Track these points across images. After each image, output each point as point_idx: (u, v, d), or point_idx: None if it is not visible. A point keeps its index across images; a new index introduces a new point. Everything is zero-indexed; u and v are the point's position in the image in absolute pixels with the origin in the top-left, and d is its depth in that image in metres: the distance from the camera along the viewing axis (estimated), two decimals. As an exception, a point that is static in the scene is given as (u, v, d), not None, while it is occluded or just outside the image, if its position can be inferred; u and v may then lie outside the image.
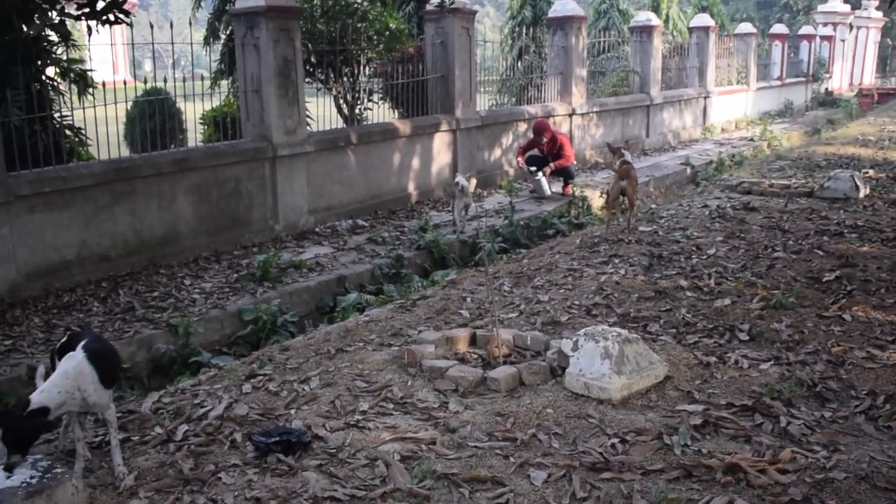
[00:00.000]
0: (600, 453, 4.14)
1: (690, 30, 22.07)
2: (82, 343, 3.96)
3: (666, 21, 24.74)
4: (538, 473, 3.98)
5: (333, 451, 4.17)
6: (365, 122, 12.74)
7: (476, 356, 5.45)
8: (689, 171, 15.72)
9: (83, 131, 10.12)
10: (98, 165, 8.73)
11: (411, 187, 12.19)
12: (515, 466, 4.05)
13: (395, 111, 13.50)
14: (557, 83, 15.68)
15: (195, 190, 9.35)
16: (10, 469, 3.59)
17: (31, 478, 3.68)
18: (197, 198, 9.37)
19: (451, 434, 4.36)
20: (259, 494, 3.77)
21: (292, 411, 4.65)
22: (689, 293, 6.70)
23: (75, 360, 3.84)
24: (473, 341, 5.69)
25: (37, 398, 3.66)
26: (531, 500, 3.78)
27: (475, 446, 4.25)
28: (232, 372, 5.38)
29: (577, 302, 6.59)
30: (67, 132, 10.02)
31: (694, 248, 8.19)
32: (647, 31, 18.34)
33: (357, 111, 12.88)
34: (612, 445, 4.24)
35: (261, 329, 7.32)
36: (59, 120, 9.85)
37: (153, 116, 10.18)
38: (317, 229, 10.47)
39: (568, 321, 6.13)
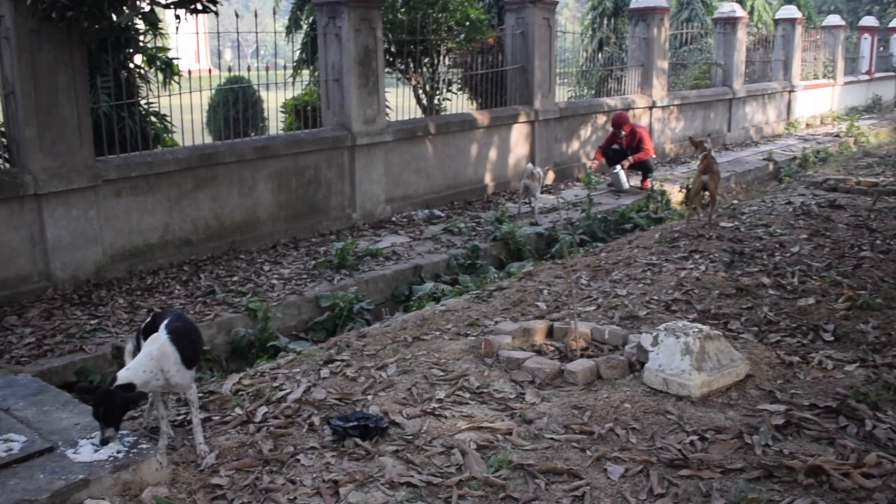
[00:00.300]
0: (679, 450, 4.08)
1: (776, 21, 21.52)
2: (165, 323, 4.05)
3: (751, 13, 24.17)
4: (615, 468, 3.94)
5: (410, 437, 4.20)
6: (443, 113, 12.77)
7: (553, 348, 5.43)
8: (771, 166, 15.38)
9: (168, 118, 10.38)
10: (182, 151, 8.91)
11: (488, 178, 12.18)
12: (592, 460, 4.02)
13: (474, 102, 13.50)
14: (638, 75, 15.47)
15: (275, 177, 9.49)
16: (105, 443, 3.71)
17: (118, 452, 3.79)
18: (277, 185, 9.51)
19: (528, 425, 4.35)
20: (337, 477, 3.81)
21: (369, 397, 4.69)
22: (771, 291, 6.56)
23: (158, 342, 3.93)
24: (550, 333, 5.66)
25: (123, 375, 3.77)
26: (608, 493, 3.75)
27: (551, 438, 4.23)
28: (310, 357, 5.45)
29: (655, 297, 6.51)
30: (153, 119, 10.29)
31: (777, 245, 8.01)
32: (730, 22, 17.95)
33: (435, 101, 12.92)
34: (691, 443, 4.18)
35: (337, 316, 7.41)
36: (145, 107, 10.11)
37: (235, 104, 10.36)
38: (393, 218, 10.54)
39: (646, 316, 6.06)
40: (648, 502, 3.68)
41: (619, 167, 12.31)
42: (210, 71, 10.40)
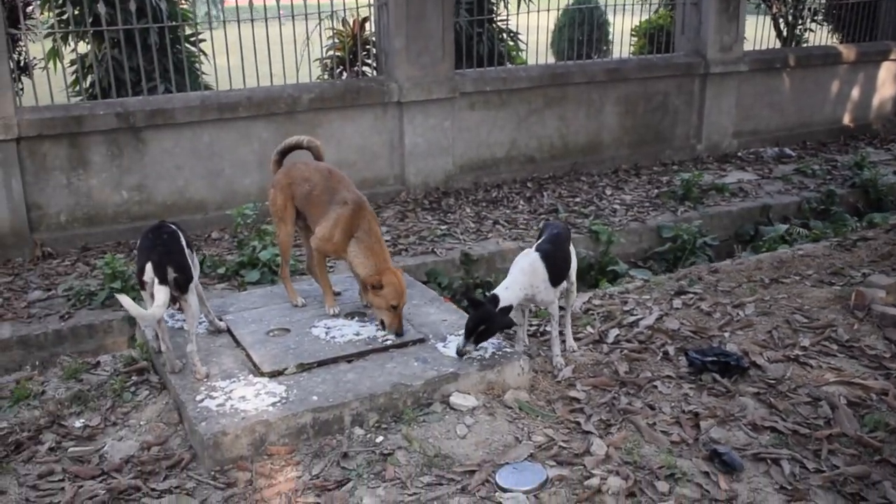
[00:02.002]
0: None
1: None
2: (539, 242, 4.09)
3: None
4: None
5: (772, 381, 3.97)
6: (804, 45, 11.86)
7: (933, 310, 4.89)
8: None
9: (520, 36, 10.52)
10: (535, 69, 8.98)
11: (846, 119, 11.20)
12: None
13: (835, 35, 12.40)
14: None
15: (622, 101, 9.33)
16: (460, 354, 3.82)
17: (484, 351, 3.92)
18: (623, 109, 9.36)
19: (905, 389, 3.96)
20: (696, 409, 3.69)
21: (726, 334, 4.50)
22: None
23: (529, 259, 3.97)
24: (930, 293, 5.10)
25: (504, 295, 3.82)
26: None
27: (934, 407, 3.82)
28: (660, 286, 5.32)
29: None
30: (505, 36, 10.48)
31: None
32: None
33: (796, 32, 12.01)
34: None
35: (679, 248, 7.21)
36: (499, 24, 10.32)
37: (581, 26, 10.24)
38: (739, 153, 10.05)
39: None
40: None
41: None
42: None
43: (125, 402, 3.79)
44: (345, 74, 9.14)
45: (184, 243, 3.71)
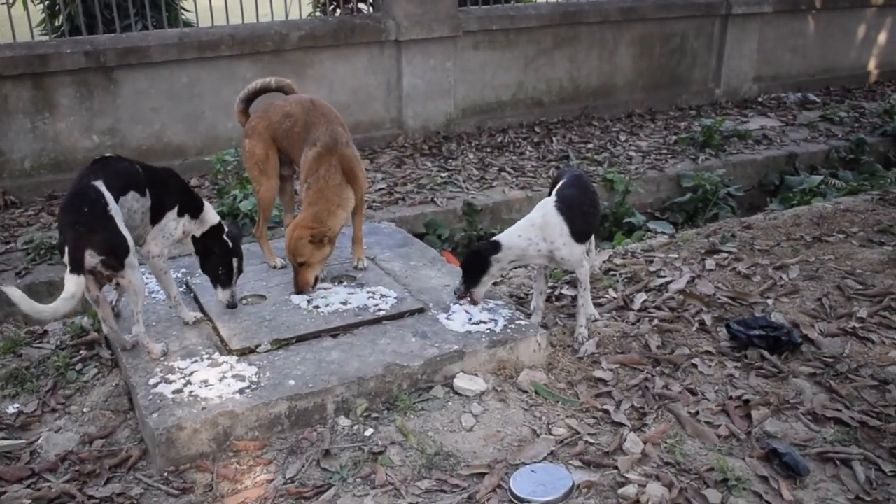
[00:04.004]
0: None
1: None
2: (557, 188, 3.50)
3: None
4: None
5: (829, 360, 3.39)
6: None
7: None
8: None
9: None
10: (546, 7, 8.30)
11: (872, 65, 10.52)
12: None
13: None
14: None
15: (638, 42, 8.67)
16: (456, 294, 3.42)
17: (494, 324, 3.34)
18: (638, 51, 8.70)
19: (985, 369, 3.39)
20: (746, 395, 3.11)
21: (769, 301, 3.91)
22: None
23: (544, 209, 3.38)
24: None
25: (500, 235, 3.34)
26: None
27: None
28: (688, 242, 4.72)
29: None
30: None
31: None
32: None
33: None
34: None
35: (700, 198, 6.63)
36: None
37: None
38: (760, 98, 9.40)
39: None
40: None
41: None
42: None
43: (69, 384, 3.21)
44: (338, 11, 8.45)
45: (110, 208, 2.90)
